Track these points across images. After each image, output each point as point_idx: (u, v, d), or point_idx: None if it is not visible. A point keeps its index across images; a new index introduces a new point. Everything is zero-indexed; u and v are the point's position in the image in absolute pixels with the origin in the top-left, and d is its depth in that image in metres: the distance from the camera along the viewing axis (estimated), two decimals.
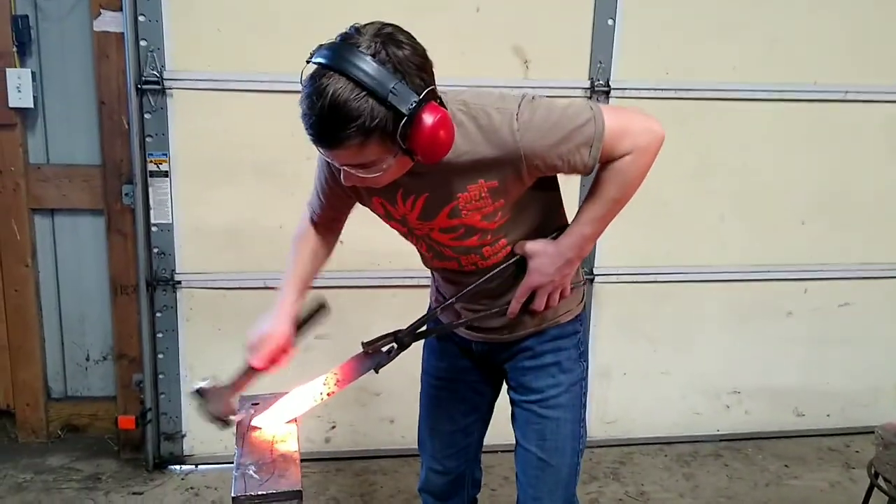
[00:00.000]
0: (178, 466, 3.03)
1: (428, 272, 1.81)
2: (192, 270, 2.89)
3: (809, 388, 3.40)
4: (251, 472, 1.45)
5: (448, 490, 1.97)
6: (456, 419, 1.91)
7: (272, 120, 2.72)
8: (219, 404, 1.64)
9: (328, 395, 1.67)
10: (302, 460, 2.98)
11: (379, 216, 1.65)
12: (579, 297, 1.74)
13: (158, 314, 2.92)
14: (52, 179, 2.91)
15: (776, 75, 3.03)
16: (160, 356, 2.96)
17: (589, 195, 1.53)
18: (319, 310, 1.80)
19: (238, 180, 2.84)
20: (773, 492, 2.99)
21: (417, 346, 1.97)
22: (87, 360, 3.16)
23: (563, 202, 1.65)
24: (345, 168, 1.36)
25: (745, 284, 3.24)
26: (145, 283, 2.86)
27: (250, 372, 1.68)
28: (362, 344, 1.65)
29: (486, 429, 1.96)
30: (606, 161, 1.46)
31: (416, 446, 3.24)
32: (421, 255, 1.73)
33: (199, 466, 3.04)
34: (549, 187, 1.59)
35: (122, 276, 2.92)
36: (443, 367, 1.90)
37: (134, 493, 2.86)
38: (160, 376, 2.97)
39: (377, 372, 1.66)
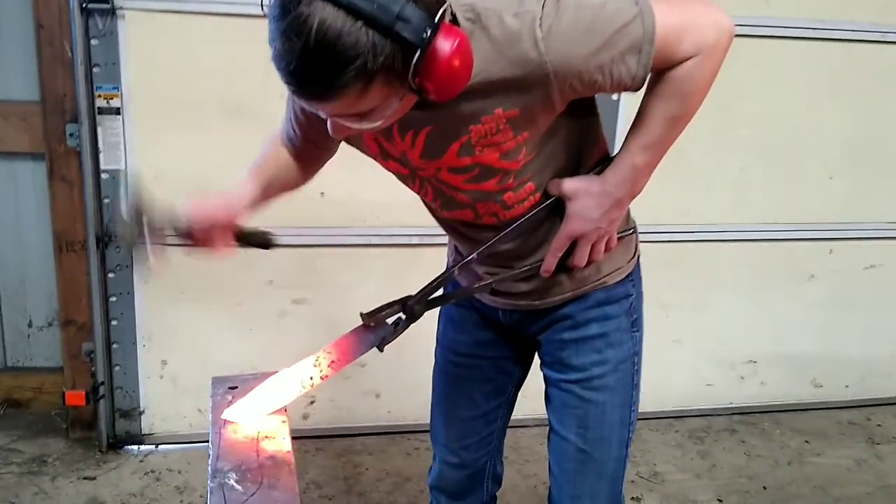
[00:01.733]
0: (135, 447, 2.68)
1: (425, 228, 1.47)
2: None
3: (827, 357, 3.16)
4: (232, 481, 1.11)
5: (465, 487, 1.66)
6: (477, 403, 1.59)
7: (243, 48, 2.32)
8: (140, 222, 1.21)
9: (321, 378, 1.33)
10: None
11: (372, 156, 1.32)
12: (630, 252, 1.42)
13: (111, 275, 2.54)
14: None
15: (810, 10, 2.71)
16: (113, 323, 2.58)
17: (639, 116, 1.20)
18: (264, 240, 1.39)
19: (204, 121, 2.44)
20: (796, 471, 2.75)
21: (430, 315, 1.65)
22: (30, 326, 2.77)
23: (603, 129, 1.33)
24: (334, 119, 1.03)
25: (766, 244, 2.96)
26: (95, 238, 2.47)
27: (181, 228, 1.25)
28: (362, 315, 1.31)
29: (510, 415, 1.65)
30: (661, 69, 1.13)
31: (404, 423, 3.00)
32: (426, 204, 1.40)
33: (160, 447, 2.69)
34: (585, 111, 1.25)
35: (67, 231, 2.52)
36: (462, 340, 1.57)
37: (85, 478, 2.51)
38: (114, 346, 2.60)
39: (381, 349, 1.33)
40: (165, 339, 2.63)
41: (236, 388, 1.37)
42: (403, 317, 1.33)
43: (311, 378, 1.32)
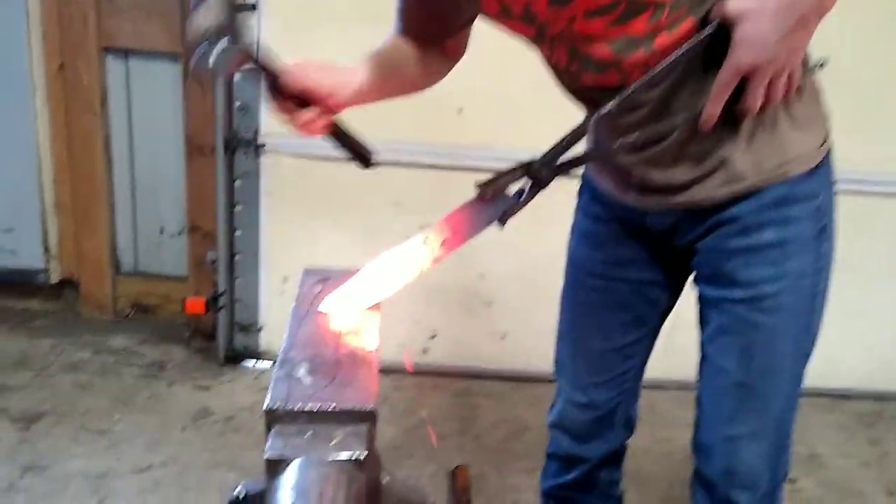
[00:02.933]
0: (252, 362, 2.61)
1: None
2: (280, 132, 2.37)
3: None
4: (301, 373, 0.93)
5: (591, 430, 1.41)
6: (612, 335, 1.34)
7: None
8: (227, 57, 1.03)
9: (432, 261, 1.12)
10: (394, 371, 2.53)
11: (493, 18, 1.11)
12: (820, 133, 1.13)
13: (237, 182, 2.45)
14: (127, 12, 2.44)
15: None
16: (237, 233, 2.50)
17: None
18: (362, 151, 1.21)
19: (343, 23, 2.28)
20: None
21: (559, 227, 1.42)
22: (162, 233, 2.75)
23: None
24: None
25: None
26: (223, 143, 2.38)
27: (274, 86, 1.07)
28: (477, 186, 1.09)
29: (650, 351, 1.39)
30: None
31: (529, 370, 2.77)
32: (559, 77, 1.16)
33: None
34: None
35: (198, 134, 2.45)
36: (598, 258, 1.32)
37: (199, 388, 2.46)
38: (236, 256, 2.53)
39: (502, 225, 1.11)
40: (288, 255, 2.53)
41: (328, 279, 1.19)
42: (530, 184, 1.10)
43: (420, 261, 1.11)
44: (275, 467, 0.81)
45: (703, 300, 1.21)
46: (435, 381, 2.60)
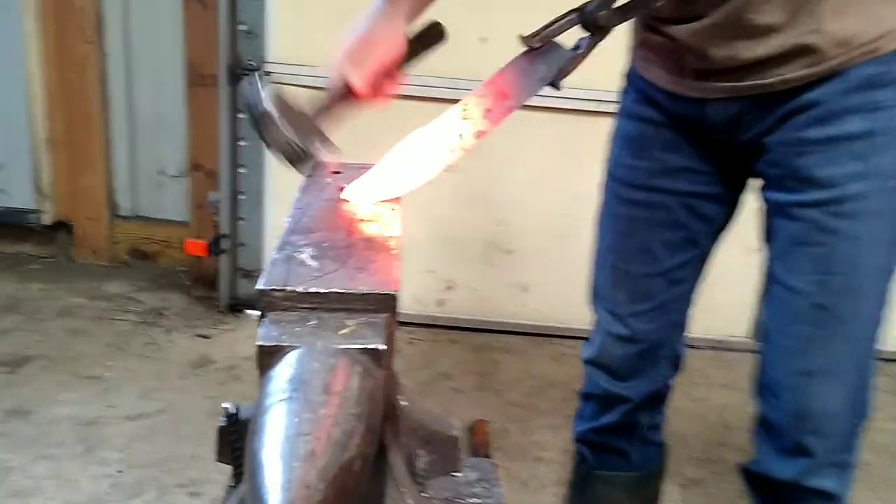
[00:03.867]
0: (255, 311, 2.43)
1: (604, 92, 1.11)
2: (287, 60, 2.20)
3: None
4: (305, 256, 0.75)
5: (632, 366, 1.23)
6: (657, 256, 1.16)
7: None
8: (297, 126, 0.94)
9: (475, 136, 0.95)
10: (408, 324, 2.36)
11: None
12: None
13: (241, 115, 2.27)
14: None
15: None
16: (241, 171, 2.33)
17: None
18: (434, 33, 1.05)
19: None
20: None
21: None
22: (162, 174, 2.57)
23: None
24: None
25: None
26: (227, 71, 2.20)
27: (343, 97, 0.97)
28: (522, 39, 0.92)
29: (700, 277, 1.21)
30: None
31: (553, 325, 2.58)
32: None
33: None
34: None
35: (200, 62, 2.27)
36: (644, 167, 1.14)
37: (199, 336, 2.30)
38: (240, 197, 2.35)
39: (557, 86, 0.94)
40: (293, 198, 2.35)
41: (340, 173, 1.01)
42: (589, 35, 0.92)
43: (461, 137, 0.93)
44: (268, 360, 0.64)
45: (771, 209, 1.04)
46: (451, 335, 2.43)
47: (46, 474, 1.70)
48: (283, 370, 0.61)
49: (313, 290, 0.68)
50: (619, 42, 1.09)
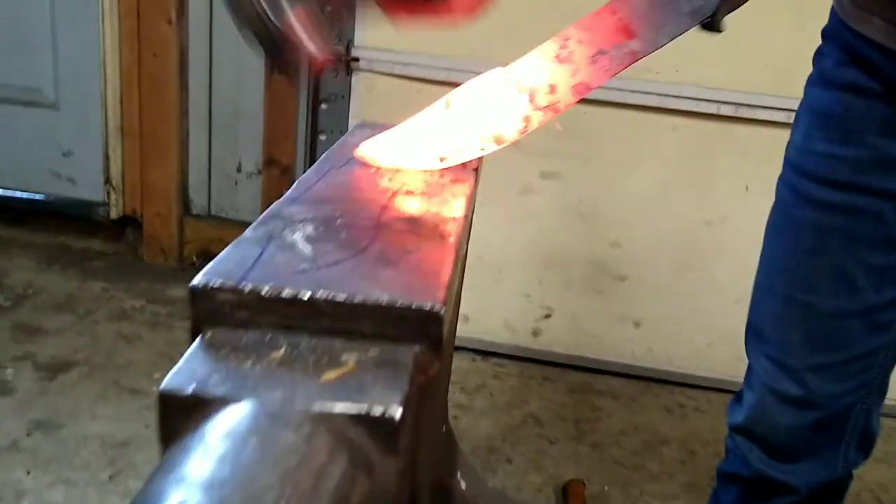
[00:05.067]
0: None
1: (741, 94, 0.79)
2: (378, 45, 1.93)
3: None
4: (298, 236, 0.44)
5: (805, 442, 0.87)
6: (858, 286, 0.81)
7: None
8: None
9: (573, 90, 0.62)
10: (496, 354, 2.03)
11: None
12: None
13: (323, 106, 2.01)
14: None
15: None
16: None
17: None
18: None
19: None
20: None
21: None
22: (239, 171, 2.35)
23: None
24: None
25: None
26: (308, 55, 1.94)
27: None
28: None
29: None
30: None
31: (669, 369, 2.17)
32: None
33: None
34: None
35: None
36: (847, 156, 0.80)
37: None
38: None
39: (718, 26, 0.60)
40: None
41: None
42: None
43: (550, 89, 0.61)
44: (179, 421, 0.32)
45: None
46: (546, 371, 2.08)
47: (62, 502, 1.46)
48: (196, 453, 0.30)
49: (289, 293, 0.37)
50: (762, 34, 0.76)
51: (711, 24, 0.59)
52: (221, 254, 0.41)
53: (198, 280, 0.38)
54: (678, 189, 1.95)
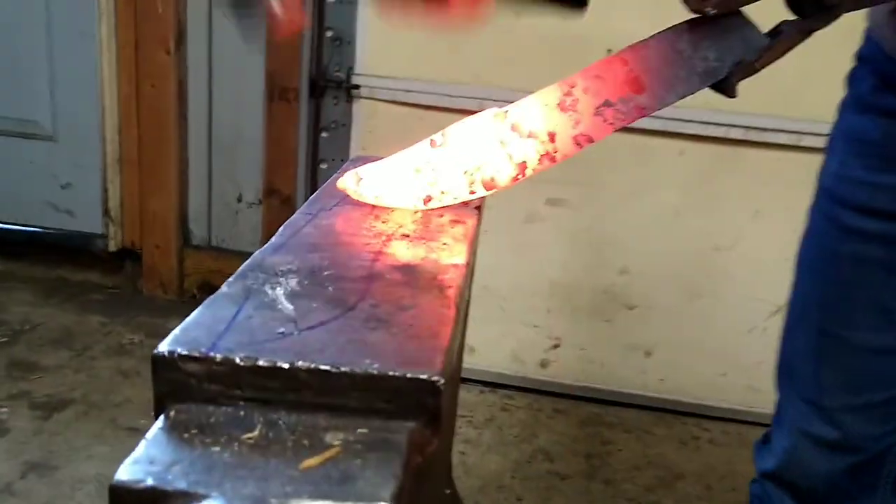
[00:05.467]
0: None
1: (752, 117, 0.74)
2: (379, 72, 1.90)
3: None
4: (280, 291, 0.39)
5: (841, 488, 0.81)
6: None
7: None
8: None
9: (575, 141, 0.58)
10: (504, 385, 1.97)
11: None
12: None
13: (324, 134, 1.98)
14: None
15: None
16: None
17: None
18: None
19: None
20: None
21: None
22: (239, 201, 2.31)
23: None
24: None
25: None
26: (308, 83, 1.91)
27: None
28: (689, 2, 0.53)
29: None
30: None
31: (683, 399, 2.02)
32: None
33: None
34: None
35: (281, 74, 2.00)
36: (887, 184, 0.74)
37: None
38: None
39: (731, 91, 0.56)
40: None
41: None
42: (793, 19, 0.55)
43: (549, 138, 0.57)
44: None
45: None
46: (555, 403, 2.02)
47: None
48: None
49: (265, 362, 0.32)
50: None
51: (724, 88, 0.56)
52: (191, 316, 0.37)
53: (162, 348, 0.34)
54: (687, 214, 1.90)
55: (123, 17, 2.10)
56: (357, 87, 1.90)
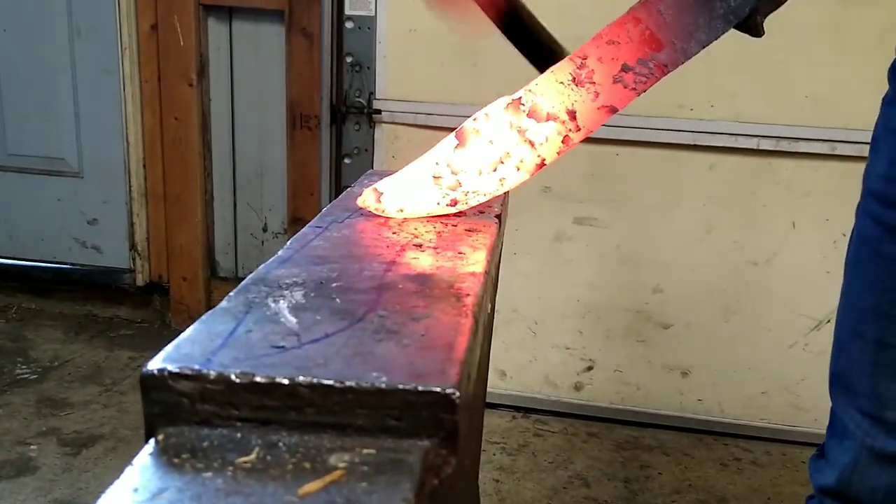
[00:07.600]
0: None
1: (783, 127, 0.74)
2: (399, 96, 1.89)
3: None
4: (284, 305, 0.36)
5: None
6: None
7: None
8: None
9: (596, 112, 0.54)
10: (537, 410, 1.93)
11: None
12: None
13: (346, 160, 1.96)
14: None
15: None
16: None
17: None
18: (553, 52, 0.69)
19: None
20: None
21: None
22: (265, 231, 2.30)
23: None
24: None
25: None
26: (329, 109, 1.91)
27: None
28: None
29: None
30: None
31: (722, 420, 1.92)
32: None
33: None
34: None
35: (302, 101, 2.00)
36: None
37: None
38: None
39: (757, 29, 0.51)
40: None
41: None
42: None
43: (567, 114, 0.54)
44: None
45: None
46: (590, 427, 1.96)
47: None
48: None
49: (263, 378, 0.29)
50: (799, 65, 0.68)
51: (749, 26, 0.52)
52: (186, 332, 0.34)
53: (151, 366, 0.31)
54: (720, 229, 1.85)
55: (146, 52, 2.12)
56: (378, 111, 1.88)
